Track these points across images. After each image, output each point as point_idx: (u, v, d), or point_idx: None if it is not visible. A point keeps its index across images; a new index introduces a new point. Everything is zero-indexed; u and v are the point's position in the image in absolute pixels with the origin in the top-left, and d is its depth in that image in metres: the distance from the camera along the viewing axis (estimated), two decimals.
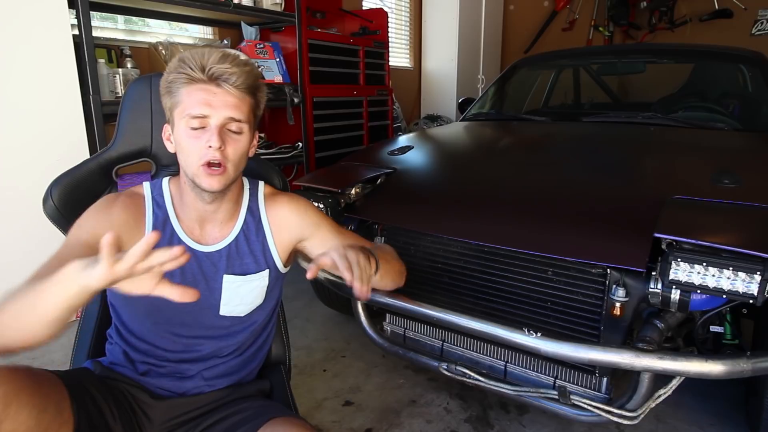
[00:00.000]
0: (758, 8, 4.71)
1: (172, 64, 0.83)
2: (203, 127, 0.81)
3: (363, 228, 1.67)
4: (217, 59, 0.81)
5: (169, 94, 0.84)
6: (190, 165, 0.83)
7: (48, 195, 0.94)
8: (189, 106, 0.81)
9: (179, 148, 0.85)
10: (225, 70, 0.81)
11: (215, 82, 0.81)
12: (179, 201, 0.91)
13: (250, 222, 0.95)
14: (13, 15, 1.84)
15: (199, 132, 0.81)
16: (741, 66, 2.49)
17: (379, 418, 1.58)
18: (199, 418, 0.90)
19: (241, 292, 0.93)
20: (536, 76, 3.20)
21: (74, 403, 0.74)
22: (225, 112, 0.81)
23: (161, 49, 2.62)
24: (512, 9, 5.94)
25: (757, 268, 1.01)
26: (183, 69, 0.81)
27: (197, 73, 0.80)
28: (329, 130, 3.38)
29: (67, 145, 2.02)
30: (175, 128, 0.84)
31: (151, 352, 0.90)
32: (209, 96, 0.81)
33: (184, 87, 0.81)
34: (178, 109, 0.82)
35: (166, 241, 0.88)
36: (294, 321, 2.21)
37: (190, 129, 0.82)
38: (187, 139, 0.82)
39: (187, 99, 0.81)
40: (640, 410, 1.20)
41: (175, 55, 0.84)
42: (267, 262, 0.96)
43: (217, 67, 0.80)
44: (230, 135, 0.83)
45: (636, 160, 1.71)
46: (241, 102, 0.83)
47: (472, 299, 1.43)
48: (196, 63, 0.80)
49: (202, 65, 0.80)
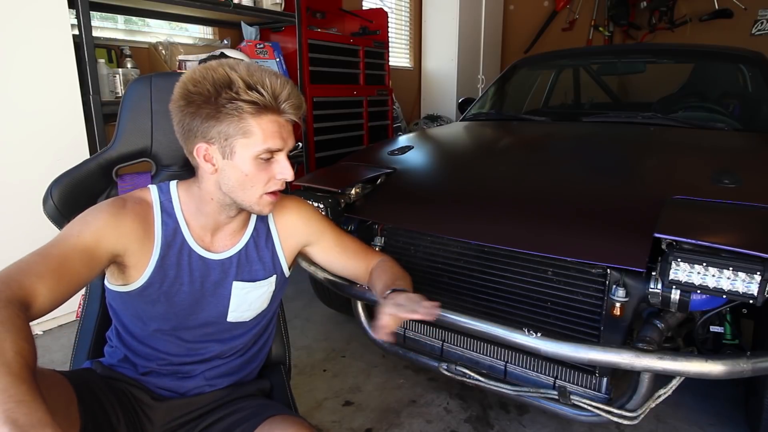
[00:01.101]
0: (758, 8, 4.71)
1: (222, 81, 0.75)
2: (269, 158, 0.81)
3: (363, 228, 1.67)
4: (288, 92, 0.78)
5: (229, 120, 0.77)
6: (252, 195, 0.82)
7: (48, 195, 0.94)
8: (265, 141, 0.78)
9: (238, 176, 0.81)
10: (297, 103, 0.80)
11: (281, 112, 0.79)
12: (191, 209, 0.88)
13: (260, 228, 0.96)
14: (13, 15, 1.83)
15: (266, 164, 0.81)
16: (741, 66, 2.49)
17: (379, 418, 1.58)
18: (199, 418, 0.91)
19: (250, 298, 0.93)
20: (536, 76, 3.20)
21: (81, 405, 0.74)
22: (292, 142, 0.83)
23: (161, 49, 2.62)
24: (512, 9, 5.95)
25: (757, 268, 1.01)
26: (255, 97, 0.75)
27: (271, 102, 0.77)
28: (329, 130, 3.38)
29: (67, 145, 2.02)
30: (237, 157, 0.79)
31: (153, 355, 0.89)
32: (281, 129, 0.80)
33: (254, 118, 0.77)
34: (247, 140, 0.78)
35: (176, 250, 0.86)
36: (294, 321, 2.21)
37: (260, 160, 0.80)
38: (255, 171, 0.80)
39: (261, 132, 0.78)
40: (640, 410, 1.20)
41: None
42: (275, 268, 0.96)
43: (291, 102, 0.79)
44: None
45: (636, 160, 1.71)
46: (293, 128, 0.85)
47: (472, 299, 1.43)
48: (268, 90, 0.76)
49: (275, 94, 0.77)
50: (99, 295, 1.02)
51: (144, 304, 0.86)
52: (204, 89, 0.76)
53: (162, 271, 0.85)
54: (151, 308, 0.86)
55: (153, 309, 0.86)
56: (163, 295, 0.85)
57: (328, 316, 2.27)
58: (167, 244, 0.86)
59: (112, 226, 0.78)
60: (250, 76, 0.76)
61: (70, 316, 2.17)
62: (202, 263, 0.89)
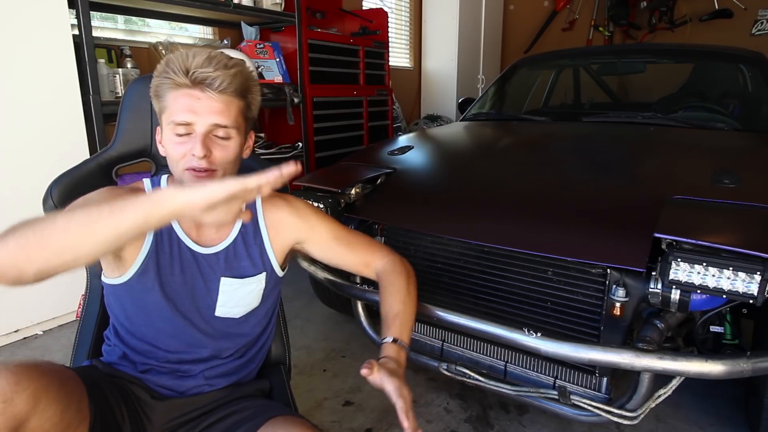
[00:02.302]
0: (758, 8, 4.71)
1: (159, 66, 0.81)
2: (189, 134, 0.80)
3: (363, 228, 1.67)
4: (201, 62, 0.78)
5: (157, 98, 0.83)
6: (176, 170, 0.83)
7: (48, 195, 0.94)
8: (174, 113, 0.80)
9: (167, 153, 0.84)
10: (208, 74, 0.78)
11: (199, 86, 0.79)
12: None
13: (247, 225, 0.94)
14: (13, 15, 1.83)
15: (185, 138, 0.80)
16: (741, 66, 2.49)
17: (379, 418, 1.58)
18: (199, 418, 0.91)
19: (238, 295, 0.93)
20: (536, 76, 3.20)
21: (91, 400, 0.75)
22: (210, 118, 0.80)
23: (161, 49, 2.62)
24: (512, 9, 5.95)
25: (757, 268, 1.01)
26: (167, 73, 0.79)
27: (181, 77, 0.78)
28: (329, 130, 3.38)
29: (67, 145, 2.02)
30: (162, 133, 0.84)
31: (152, 353, 0.90)
32: (193, 102, 0.79)
33: (170, 92, 0.80)
34: (165, 114, 0.82)
35: (166, 241, 0.88)
36: (294, 321, 2.21)
37: (175, 135, 0.80)
38: (172, 145, 0.81)
39: (173, 104, 0.80)
40: (640, 410, 1.20)
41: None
42: (264, 265, 0.95)
43: (201, 71, 0.78)
44: (217, 141, 0.82)
45: (636, 160, 1.71)
46: (227, 107, 0.81)
47: (472, 299, 1.43)
48: (180, 66, 0.78)
49: (186, 69, 0.78)
50: (99, 295, 1.02)
51: (141, 293, 0.86)
52: (154, 76, 0.83)
53: (156, 257, 0.86)
54: (147, 297, 0.86)
55: (148, 297, 0.86)
56: (158, 284, 0.86)
57: (328, 316, 2.27)
58: (159, 232, 0.87)
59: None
60: (177, 57, 0.79)
61: (70, 316, 2.17)
62: (191, 255, 0.89)
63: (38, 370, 0.65)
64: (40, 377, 0.64)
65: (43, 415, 0.63)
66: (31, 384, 0.62)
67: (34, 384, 0.63)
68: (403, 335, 0.92)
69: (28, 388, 0.61)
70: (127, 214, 0.61)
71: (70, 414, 0.68)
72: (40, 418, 0.63)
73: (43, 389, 0.64)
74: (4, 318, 1.97)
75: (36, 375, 0.64)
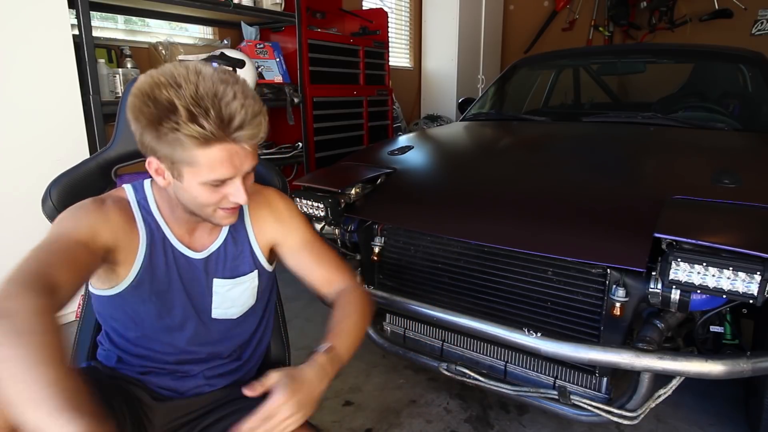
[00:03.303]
0: (758, 8, 4.71)
1: (170, 107, 0.68)
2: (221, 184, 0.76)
3: (363, 228, 1.67)
4: (242, 120, 0.70)
5: (171, 148, 0.71)
6: (206, 212, 0.80)
7: (47, 195, 0.94)
8: (212, 172, 0.73)
9: (186, 194, 0.78)
10: (252, 136, 0.73)
11: (239, 143, 0.73)
12: (167, 209, 0.87)
13: (236, 224, 0.93)
14: (13, 15, 1.83)
15: (219, 186, 0.76)
16: (741, 66, 2.49)
17: (379, 418, 1.58)
18: (200, 418, 0.91)
19: (232, 295, 0.92)
20: (536, 76, 3.20)
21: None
22: (249, 167, 0.77)
23: (161, 49, 2.62)
24: (512, 9, 5.94)
25: (757, 268, 1.01)
26: (197, 130, 0.68)
27: (218, 132, 0.69)
28: (329, 130, 3.38)
29: (67, 145, 2.02)
30: (185, 181, 0.75)
31: (149, 356, 0.89)
32: (233, 157, 0.73)
33: (199, 150, 0.70)
34: (192, 169, 0.73)
35: (160, 248, 0.86)
36: (294, 321, 2.21)
37: (210, 185, 0.75)
38: (205, 194, 0.76)
39: (207, 163, 0.72)
40: (640, 410, 1.20)
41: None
42: (255, 263, 0.95)
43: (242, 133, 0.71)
44: (247, 177, 0.79)
45: (636, 160, 1.71)
46: (255, 148, 0.78)
47: (472, 299, 1.43)
48: (212, 118, 0.68)
49: (222, 122, 0.69)
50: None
51: (135, 305, 0.85)
52: (147, 110, 0.70)
53: (151, 269, 0.85)
54: (142, 308, 0.85)
55: (143, 308, 0.85)
56: (154, 294, 0.85)
57: (328, 316, 2.26)
58: (152, 242, 0.85)
59: (102, 221, 0.78)
60: (197, 101, 0.68)
61: (69, 316, 2.16)
62: (185, 261, 0.88)
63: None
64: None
65: None
66: None
67: None
68: (340, 345, 0.84)
69: None
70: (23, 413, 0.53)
71: None
72: None
73: None
74: None
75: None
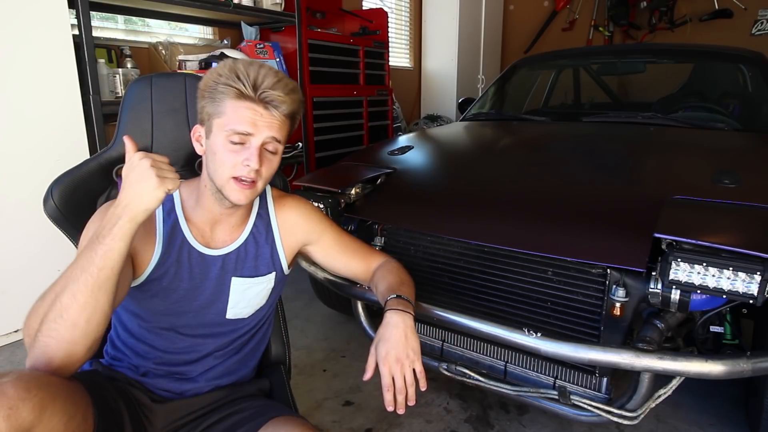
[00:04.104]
0: (758, 8, 4.71)
1: (222, 70, 0.82)
2: (243, 143, 0.82)
3: (363, 228, 1.67)
4: (272, 83, 0.81)
5: (213, 101, 0.83)
6: (221, 175, 0.83)
7: (48, 195, 0.94)
8: (233, 121, 0.81)
9: (212, 156, 0.84)
10: (276, 97, 0.81)
11: (263, 104, 0.81)
12: (191, 203, 0.91)
13: (259, 225, 0.96)
14: (13, 15, 1.83)
15: (238, 147, 0.82)
16: (741, 66, 2.49)
17: (379, 418, 1.58)
18: (200, 418, 0.91)
19: (249, 294, 0.94)
20: (536, 76, 3.20)
21: (96, 408, 0.74)
22: (268, 132, 0.82)
23: (161, 49, 2.62)
24: (512, 9, 5.95)
25: (757, 268, 1.01)
26: (235, 83, 0.80)
27: (249, 91, 0.80)
28: (329, 130, 3.38)
29: (68, 145, 2.02)
30: (213, 136, 0.83)
31: (150, 353, 0.90)
32: (256, 116, 0.81)
33: (231, 100, 0.81)
34: (220, 120, 0.82)
35: (176, 247, 0.88)
36: (294, 321, 2.21)
37: (229, 143, 0.82)
38: (224, 152, 0.82)
39: (233, 113, 0.81)
40: (640, 410, 1.20)
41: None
42: (274, 265, 0.97)
43: (270, 92, 0.81)
44: (267, 155, 0.84)
45: (636, 160, 1.71)
46: (282, 125, 0.84)
47: (472, 299, 1.43)
48: (249, 79, 0.80)
49: (255, 83, 0.80)
50: None
51: (141, 299, 0.87)
52: (211, 78, 0.83)
53: (163, 268, 0.86)
54: (147, 302, 0.87)
55: (149, 303, 0.87)
56: (162, 291, 0.87)
57: (328, 316, 2.27)
58: (168, 242, 0.87)
59: None
60: (245, 68, 0.81)
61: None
62: (201, 260, 0.90)
63: (47, 379, 0.66)
64: (48, 386, 0.64)
65: (48, 424, 0.63)
66: (39, 392, 0.62)
67: (42, 392, 0.62)
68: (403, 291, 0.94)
69: (36, 396, 0.61)
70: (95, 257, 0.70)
71: (75, 424, 0.67)
72: (45, 427, 0.62)
73: (51, 398, 0.63)
74: (5, 318, 1.97)
75: (44, 384, 0.64)
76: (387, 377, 0.83)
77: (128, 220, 0.71)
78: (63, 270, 0.71)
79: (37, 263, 1.98)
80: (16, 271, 1.95)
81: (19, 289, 1.96)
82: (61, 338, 0.68)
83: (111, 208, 0.73)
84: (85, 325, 0.68)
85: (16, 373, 0.63)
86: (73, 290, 0.68)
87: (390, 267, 1.04)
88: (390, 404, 0.83)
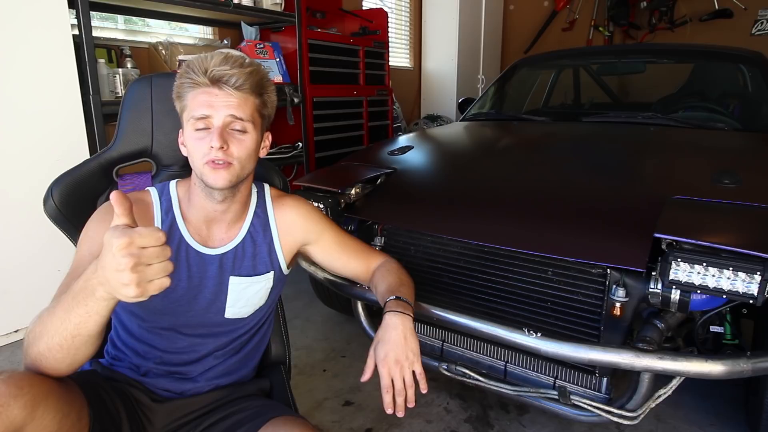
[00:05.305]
0: (758, 8, 4.71)
1: (181, 70, 0.86)
2: (207, 128, 0.83)
3: (363, 228, 1.67)
4: (218, 62, 0.83)
5: (179, 99, 0.87)
6: (197, 165, 0.85)
7: (48, 195, 0.94)
8: (193, 109, 0.83)
9: (188, 150, 0.86)
10: (225, 72, 0.82)
11: (216, 84, 0.83)
12: (187, 203, 0.91)
13: (256, 224, 0.96)
14: (13, 15, 1.83)
15: (203, 133, 0.83)
16: (741, 66, 2.49)
17: (379, 418, 1.58)
18: (200, 418, 0.91)
19: (247, 293, 0.93)
20: (536, 76, 3.20)
21: (91, 408, 0.74)
22: (225, 111, 0.83)
23: (161, 49, 2.61)
24: (512, 9, 5.95)
25: (757, 268, 1.01)
26: (188, 74, 0.83)
27: (200, 77, 0.82)
28: (329, 130, 3.37)
29: (67, 145, 2.02)
30: (185, 131, 0.86)
31: (150, 353, 0.90)
32: (211, 98, 0.83)
33: (190, 91, 0.84)
34: (185, 113, 0.85)
35: (174, 246, 0.88)
36: (294, 321, 2.21)
37: (194, 130, 0.83)
38: (191, 141, 0.84)
39: (192, 102, 0.84)
40: (640, 410, 1.20)
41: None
42: (272, 264, 0.97)
43: (218, 69, 0.82)
44: (234, 135, 0.84)
45: (636, 160, 1.71)
46: (243, 102, 0.84)
47: (472, 299, 1.43)
48: (199, 67, 0.83)
49: (205, 69, 0.82)
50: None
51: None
52: (176, 79, 0.87)
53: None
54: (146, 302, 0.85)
55: (148, 303, 0.85)
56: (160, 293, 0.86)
57: (328, 316, 2.27)
58: (167, 240, 0.86)
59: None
60: (198, 60, 0.84)
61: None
62: (199, 258, 0.90)
63: (40, 377, 0.66)
64: (40, 384, 0.64)
65: (40, 422, 0.63)
66: (31, 390, 0.62)
67: (34, 390, 0.62)
68: (402, 292, 0.95)
69: (27, 393, 0.61)
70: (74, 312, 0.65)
71: (69, 423, 0.67)
72: (37, 425, 0.62)
73: (43, 396, 0.64)
74: (5, 318, 1.96)
75: (37, 382, 0.64)
76: (386, 379, 0.84)
77: (103, 299, 0.63)
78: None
79: (37, 263, 1.98)
80: (16, 270, 1.95)
81: (19, 288, 1.96)
82: (50, 366, 0.68)
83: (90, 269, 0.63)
84: (71, 363, 0.69)
85: (9, 371, 0.64)
86: (49, 345, 0.66)
87: (390, 267, 1.04)
88: (389, 406, 0.83)
